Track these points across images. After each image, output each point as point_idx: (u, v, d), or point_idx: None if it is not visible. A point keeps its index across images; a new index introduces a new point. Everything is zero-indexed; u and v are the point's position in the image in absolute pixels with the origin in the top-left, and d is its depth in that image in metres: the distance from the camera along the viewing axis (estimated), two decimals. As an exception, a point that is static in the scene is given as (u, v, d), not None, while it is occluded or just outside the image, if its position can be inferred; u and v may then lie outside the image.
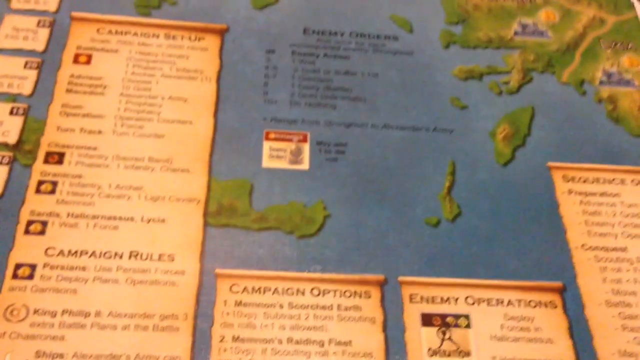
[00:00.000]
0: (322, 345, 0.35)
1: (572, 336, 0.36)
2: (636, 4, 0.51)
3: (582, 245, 0.39)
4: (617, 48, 0.48)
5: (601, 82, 0.47)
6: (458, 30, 0.48)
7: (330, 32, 0.47)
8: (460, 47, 0.47)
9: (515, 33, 0.48)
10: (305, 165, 0.41)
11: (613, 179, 0.42)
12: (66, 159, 0.39)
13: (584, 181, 0.42)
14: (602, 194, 0.42)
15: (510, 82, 0.46)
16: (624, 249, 0.39)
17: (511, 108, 0.45)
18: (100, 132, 0.40)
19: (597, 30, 0.49)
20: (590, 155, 0.43)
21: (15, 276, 0.34)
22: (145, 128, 0.40)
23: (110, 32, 0.43)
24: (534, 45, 0.48)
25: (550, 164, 0.43)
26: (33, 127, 0.39)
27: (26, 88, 0.41)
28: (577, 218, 0.41)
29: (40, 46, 0.42)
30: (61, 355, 0.32)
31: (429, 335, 0.35)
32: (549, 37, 0.48)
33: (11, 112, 0.40)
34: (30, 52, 0.42)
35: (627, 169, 0.43)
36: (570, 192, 0.42)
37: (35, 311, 0.34)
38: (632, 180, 0.42)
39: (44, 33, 0.43)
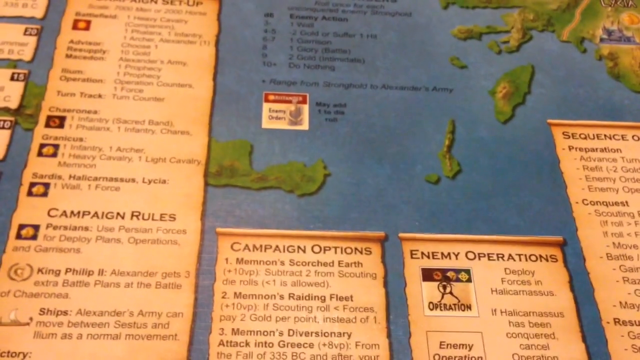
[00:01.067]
0: (324, 300, 0.35)
1: (572, 289, 0.36)
2: (637, -39, 0.50)
3: (583, 200, 0.39)
4: (617, 6, 0.48)
5: (601, 40, 0.46)
6: (457, -9, 0.48)
7: (329, -6, 0.47)
8: (459, 7, 0.47)
9: (515, -8, 0.48)
10: (305, 125, 0.41)
11: (614, 135, 0.42)
12: (67, 122, 0.39)
13: (585, 137, 0.42)
14: (603, 150, 0.42)
15: (510, 41, 0.46)
16: (624, 203, 0.39)
17: (511, 67, 0.45)
18: (100, 96, 0.40)
19: (597, -12, 0.49)
20: (590, 112, 0.43)
21: (19, 236, 0.35)
22: (145, 92, 0.41)
23: (108, -3, 0.44)
24: (534, 4, 0.48)
25: (550, 121, 0.43)
26: (34, 92, 0.40)
27: (26, 54, 0.41)
28: (578, 173, 0.41)
29: (39, 13, 0.42)
30: (65, 312, 0.33)
31: (430, 290, 0.36)
32: (549, -4, 0.48)
33: (12, 78, 0.40)
34: (30, 19, 0.42)
35: (627, 125, 0.43)
36: (570, 148, 0.42)
37: (39, 270, 0.34)
38: (633, 136, 0.42)
39: (43, 0, 0.43)
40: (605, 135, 0.42)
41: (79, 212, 0.36)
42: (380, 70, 0.44)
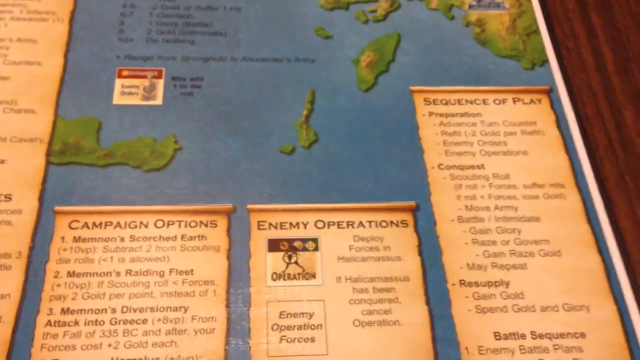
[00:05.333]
0: (162, 275, 0.34)
1: (420, 253, 0.36)
2: None
3: (439, 165, 0.39)
4: (488, -29, 0.48)
5: (470, 7, 0.46)
6: (326, -39, 0.47)
7: (192, -32, 0.46)
8: (327, -22, 0.46)
9: (385, -39, 0.47)
10: (158, 100, 0.40)
11: (475, 100, 0.42)
12: None
13: (445, 103, 0.42)
14: (463, 115, 0.41)
15: (378, 10, 0.45)
16: (480, 166, 0.39)
17: (377, 35, 0.44)
18: (-61, 76, 0.39)
19: (469, -45, 0.48)
20: (454, 78, 0.43)
21: None
22: (-11, 71, 0.39)
23: (-46, -24, 0.42)
24: (403, -27, 0.47)
25: (412, 87, 0.42)
26: None
27: None
28: (436, 139, 0.40)
29: None
30: None
31: (274, 260, 0.35)
32: (419, -36, 0.48)
33: None
34: None
35: (490, 89, 0.42)
36: (430, 114, 0.41)
37: None
38: (495, 100, 0.42)
39: None
40: (466, 100, 0.42)
41: None
42: (242, 43, 0.43)
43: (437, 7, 0.46)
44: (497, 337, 0.34)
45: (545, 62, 0.44)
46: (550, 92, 0.43)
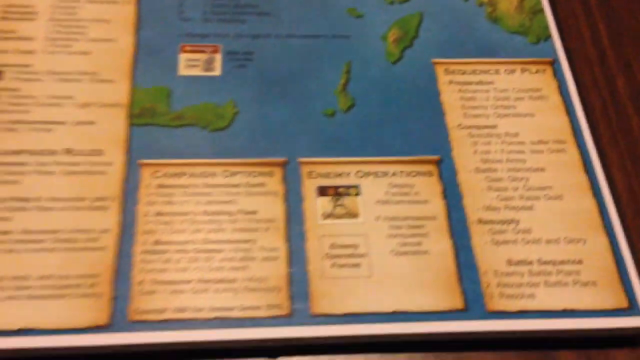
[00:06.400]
0: (232, 215, 0.41)
1: (445, 197, 0.43)
2: None
3: (458, 125, 0.46)
4: (497, -42, 0.54)
5: (482, -11, 0.53)
6: (355, -50, 0.54)
7: (239, -43, 0.52)
8: (357, -35, 0.53)
9: (407, -50, 0.54)
10: (217, 71, 0.47)
11: (488, 70, 0.49)
12: (4, 76, 0.44)
13: (463, 73, 0.48)
14: (478, 83, 0.48)
15: (402, -8, 0.52)
16: (494, 126, 0.46)
17: (401, 15, 0.51)
18: (33, 52, 0.45)
19: (480, -57, 0.55)
20: (471, 51, 0.50)
21: (-35, 172, 0.40)
22: (73, 47, 0.46)
23: (37, -35, 0.49)
24: (423, -40, 0.54)
25: (434, 60, 0.49)
26: (-27, 50, 0.45)
27: (-35, 17, 0.46)
28: (456, 103, 0.47)
29: (-25, -19, 0.47)
30: (9, 232, 0.39)
31: (324, 203, 0.42)
32: (437, -48, 0.54)
33: (-47, 39, 0.45)
34: (-33, -13, 0.47)
35: (501, 61, 0.49)
36: (450, 82, 0.48)
37: (-16, 199, 0.40)
38: (505, 70, 0.49)
39: (-22, -31, 0.48)
40: (480, 71, 0.49)
41: (16, 150, 0.42)
42: (285, 22, 0.50)
43: (453, -10, 0.53)
44: (510, 264, 0.41)
45: (548, 37, 0.51)
46: (554, 63, 0.49)
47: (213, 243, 0.40)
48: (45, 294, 0.37)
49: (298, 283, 0.39)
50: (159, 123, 0.44)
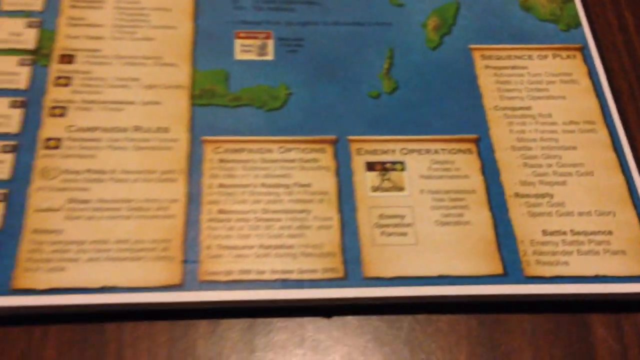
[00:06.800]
0: (288, 187, 0.45)
1: (483, 173, 0.46)
2: None
3: (495, 107, 0.49)
4: (530, -50, 0.58)
5: (515, -21, 0.56)
6: (395, -57, 0.57)
7: (287, -51, 0.56)
8: (397, -43, 0.56)
9: (444, -58, 0.57)
10: (270, 56, 0.50)
11: (522, 55, 0.52)
12: (76, 59, 0.48)
13: (498, 58, 0.52)
14: (513, 67, 0.51)
15: (440, -17, 0.55)
16: (528, 108, 0.49)
17: (440, 4, 0.54)
18: (101, 37, 0.49)
19: (513, -64, 0.58)
20: (505, 38, 0.53)
21: (46, 147, 0.44)
22: (138, 33, 0.50)
23: (102, -43, 0.52)
24: (460, -48, 0.57)
25: (471, 46, 0.52)
26: (47, 36, 0.49)
27: (37, 5, 0.50)
28: (492, 87, 0.50)
29: (46, -28, 0.51)
30: (88, 201, 0.43)
31: (372, 177, 0.46)
32: (472, -56, 0.57)
33: (27, 25, 0.49)
34: (38, -23, 0.51)
35: (534, 47, 0.53)
36: (487, 67, 0.51)
37: (65, 171, 0.43)
38: (538, 56, 0.52)
39: (48, -39, 0.52)
40: (515, 56, 0.52)
41: (90, 128, 0.45)
42: (331, 10, 0.53)
43: (488, -19, 0.56)
44: (545, 234, 0.44)
45: (578, 25, 0.54)
46: (583, 49, 0.53)
47: (271, 213, 0.43)
48: (123, 256, 0.41)
49: (351, 249, 0.42)
50: (219, 103, 0.48)
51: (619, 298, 0.43)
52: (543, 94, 0.50)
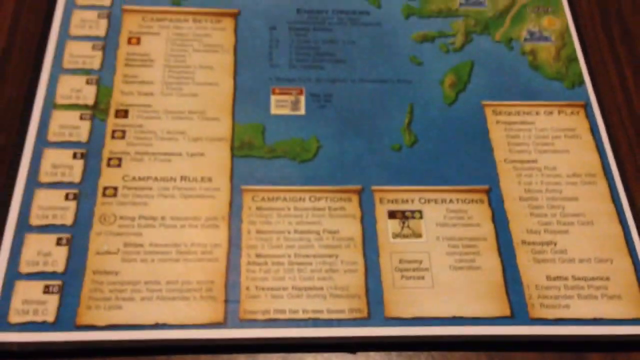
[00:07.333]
0: (318, 234, 0.50)
1: (494, 221, 0.52)
2: (557, -25, 0.65)
3: (505, 160, 0.55)
4: (539, 12, 0.63)
5: (525, 39, 0.61)
6: (416, 4, 0.63)
7: (318, 10, 0.61)
8: (418, 17, 0.62)
9: (460, 4, 0.63)
10: (302, 111, 0.56)
11: (530, 111, 0.57)
12: (130, 114, 0.54)
13: (508, 114, 0.57)
14: (522, 123, 0.57)
15: (456, 43, 0.61)
16: (535, 161, 0.55)
17: (456, 62, 0.60)
18: (152, 94, 0.55)
19: (524, -2, 0.64)
20: (515, 95, 0.58)
21: (104, 195, 0.50)
22: (184, 90, 0.56)
23: (152, 19, 0.58)
24: (475, 13, 0.62)
25: (484, 102, 0.58)
26: (104, 92, 0.55)
27: (95, 64, 0.56)
28: (502, 140, 0.56)
29: (102, 32, 0.57)
30: (141, 245, 0.48)
31: (393, 225, 0.51)
32: (486, 6, 0.63)
33: (87, 82, 0.55)
34: (95, 37, 0.57)
35: (541, 104, 0.58)
36: (498, 122, 0.57)
37: (121, 217, 0.49)
38: (544, 112, 0.57)
39: (104, 23, 0.58)
40: (523, 112, 0.57)
41: (143, 177, 0.51)
42: (357, 68, 0.59)
43: (500, 40, 0.61)
44: (549, 279, 0.49)
45: (582, 83, 0.59)
46: (586, 106, 0.58)
47: (303, 257, 0.49)
48: (172, 296, 0.46)
49: (374, 291, 0.48)
50: (256, 155, 0.53)
51: (615, 339, 0.47)
52: (549, 147, 0.55)
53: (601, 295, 0.48)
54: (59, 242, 0.47)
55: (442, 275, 0.49)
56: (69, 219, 0.48)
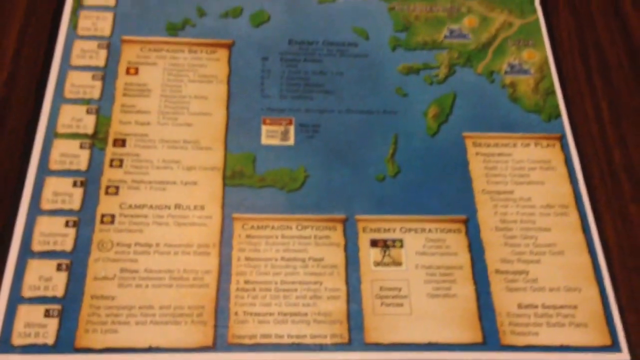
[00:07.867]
0: (304, 261, 0.53)
1: (470, 251, 0.55)
2: (538, 9, 0.68)
3: (482, 190, 0.58)
4: (520, 45, 0.66)
5: (506, 72, 0.64)
6: (402, 36, 0.66)
7: (308, 42, 0.64)
8: (404, 50, 0.65)
9: (445, 37, 0.66)
10: (291, 141, 0.59)
11: (508, 143, 0.60)
12: (127, 143, 0.57)
13: (488, 145, 0.60)
14: (500, 154, 0.60)
15: (439, 75, 0.64)
16: (511, 192, 0.58)
17: (439, 94, 0.63)
18: (148, 123, 0.58)
19: (506, 31, 0.67)
20: (494, 127, 0.61)
21: (102, 222, 0.53)
22: (179, 119, 0.58)
23: (150, 49, 0.61)
24: (458, 46, 0.65)
25: (465, 134, 0.61)
26: (103, 121, 0.58)
27: (95, 94, 0.59)
28: (481, 172, 0.59)
29: (101, 62, 0.60)
30: (136, 271, 0.51)
31: (375, 253, 0.54)
32: (470, 39, 0.66)
33: (87, 112, 0.58)
34: (95, 67, 0.60)
35: (519, 136, 0.61)
36: (477, 154, 0.60)
37: (118, 244, 0.52)
38: (522, 144, 0.60)
39: (103, 53, 0.61)
40: (502, 144, 0.60)
41: (139, 205, 0.54)
42: (345, 99, 0.62)
43: (482, 73, 0.64)
44: (520, 307, 0.52)
45: (558, 115, 0.62)
46: (562, 139, 0.61)
47: (289, 284, 0.52)
48: (165, 320, 0.50)
49: (355, 317, 0.51)
50: (247, 184, 0.56)
51: (580, 365, 0.51)
52: (524, 179, 0.58)
53: (569, 323, 0.52)
54: (59, 268, 0.50)
55: (420, 302, 0.52)
56: (68, 245, 0.51)
